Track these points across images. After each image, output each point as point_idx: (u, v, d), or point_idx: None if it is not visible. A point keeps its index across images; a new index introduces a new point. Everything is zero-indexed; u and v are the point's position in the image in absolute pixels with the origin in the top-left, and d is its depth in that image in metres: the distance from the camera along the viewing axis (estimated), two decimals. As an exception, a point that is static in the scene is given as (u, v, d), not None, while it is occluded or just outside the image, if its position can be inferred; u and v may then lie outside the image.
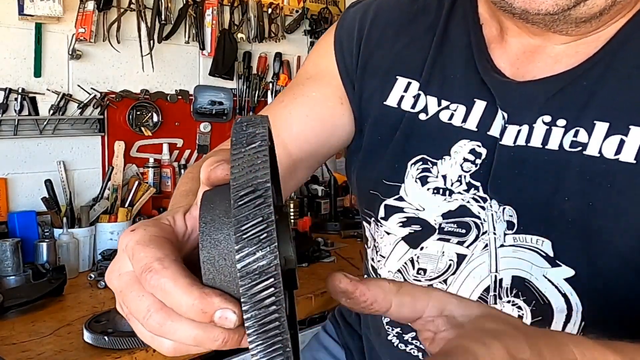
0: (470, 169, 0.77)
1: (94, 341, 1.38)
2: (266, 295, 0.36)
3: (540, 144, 0.71)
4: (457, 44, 0.81)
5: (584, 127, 0.69)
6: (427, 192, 0.80)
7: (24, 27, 2.08)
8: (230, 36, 2.60)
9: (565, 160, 0.70)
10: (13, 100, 2.06)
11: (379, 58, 0.86)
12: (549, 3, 0.64)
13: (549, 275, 0.72)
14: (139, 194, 2.26)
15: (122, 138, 2.32)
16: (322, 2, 3.00)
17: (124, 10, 2.29)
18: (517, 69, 0.76)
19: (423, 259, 0.81)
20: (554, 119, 0.71)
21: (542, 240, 0.72)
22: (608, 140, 0.68)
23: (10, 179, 2.08)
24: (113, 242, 2.13)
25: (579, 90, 0.70)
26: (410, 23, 0.86)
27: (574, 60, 0.72)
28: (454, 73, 0.80)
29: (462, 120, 0.78)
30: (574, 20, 0.66)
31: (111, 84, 2.31)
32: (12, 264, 1.77)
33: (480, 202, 0.77)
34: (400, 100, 0.83)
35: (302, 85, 0.90)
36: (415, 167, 0.81)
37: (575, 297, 0.72)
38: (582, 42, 0.72)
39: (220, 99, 2.62)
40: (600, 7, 0.65)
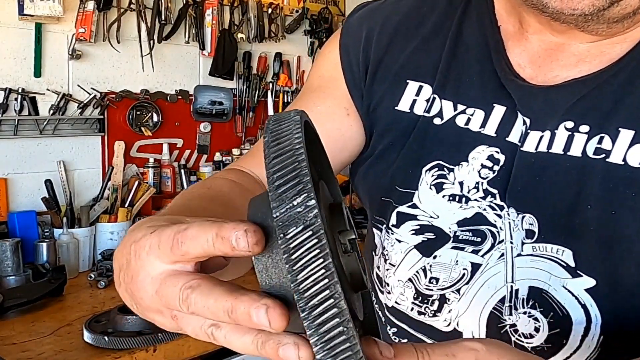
0: (487, 175, 0.74)
1: (94, 341, 1.38)
2: (322, 298, 0.34)
3: (562, 150, 0.69)
4: (472, 45, 0.77)
5: (608, 134, 0.67)
6: (442, 199, 0.77)
7: (24, 27, 2.08)
8: (230, 36, 2.60)
9: (588, 167, 0.67)
10: (13, 100, 2.06)
11: (388, 63, 0.83)
12: (585, 3, 0.61)
13: (568, 286, 0.70)
14: (139, 194, 2.26)
15: (122, 138, 2.32)
16: (322, 2, 3.00)
17: (124, 10, 2.29)
18: (539, 66, 0.72)
19: (436, 268, 0.79)
20: (577, 124, 0.68)
21: (562, 249, 0.70)
22: (633, 148, 0.66)
23: (10, 179, 2.08)
24: (113, 242, 2.13)
25: (603, 96, 0.68)
26: (419, 25, 0.82)
27: (599, 61, 0.69)
28: (469, 76, 0.77)
29: (480, 125, 0.75)
30: (606, 20, 0.64)
31: (111, 84, 2.31)
32: (12, 264, 1.77)
33: (497, 210, 0.74)
34: (413, 105, 0.80)
35: (307, 100, 0.87)
36: (430, 174, 0.78)
37: (595, 309, 0.69)
38: (608, 42, 0.69)
39: (220, 99, 2.62)
40: (634, 7, 0.64)
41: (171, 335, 1.43)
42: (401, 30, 0.82)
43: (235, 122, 2.71)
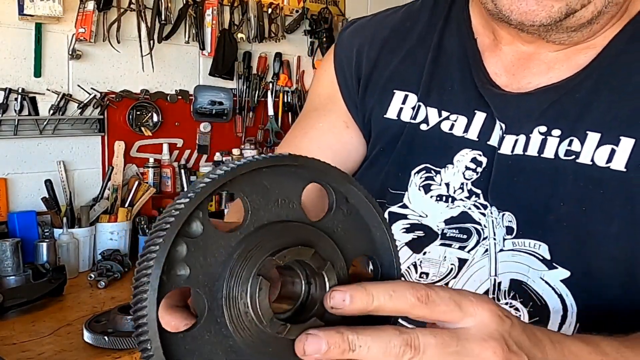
0: (471, 176, 0.80)
1: (94, 341, 1.38)
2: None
3: (536, 152, 0.75)
4: (453, 56, 0.84)
5: (577, 137, 0.73)
6: (430, 200, 0.83)
7: (24, 27, 2.08)
8: (230, 36, 2.60)
9: (560, 168, 0.74)
10: (13, 100, 2.06)
11: (377, 76, 0.89)
12: (543, 15, 0.68)
13: (545, 277, 0.76)
14: (139, 194, 2.26)
15: (122, 138, 2.32)
16: (322, 2, 3.00)
17: (124, 10, 2.29)
18: (513, 75, 0.79)
19: (426, 264, 0.84)
20: (550, 129, 0.75)
21: (539, 244, 0.76)
22: (600, 150, 0.72)
23: (10, 179, 2.08)
24: (113, 242, 2.13)
25: (572, 102, 0.74)
26: (404, 39, 0.89)
27: (567, 67, 0.75)
28: (452, 85, 0.83)
29: (463, 130, 0.81)
30: (565, 29, 0.71)
31: (111, 84, 2.31)
32: (12, 264, 1.77)
33: (481, 209, 0.80)
34: (400, 112, 0.86)
35: (309, 118, 0.94)
36: (419, 176, 0.84)
37: (570, 298, 0.75)
38: (574, 50, 0.75)
39: (220, 99, 2.62)
40: (588, 17, 0.70)
41: (171, 335, 1.43)
42: (388, 44, 0.89)
43: (235, 122, 2.71)
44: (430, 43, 0.86)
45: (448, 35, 0.85)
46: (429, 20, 0.88)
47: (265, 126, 2.79)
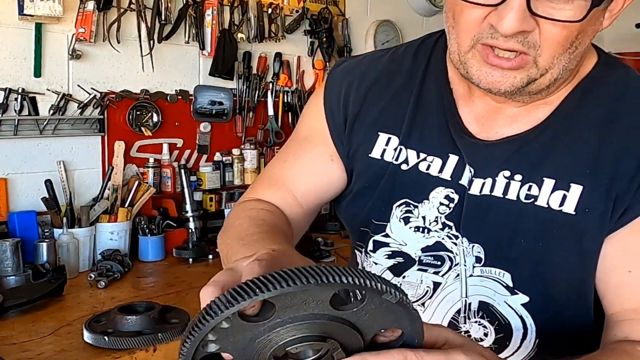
0: (445, 211, 0.92)
1: (94, 341, 1.38)
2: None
3: (501, 194, 0.87)
4: (431, 104, 0.94)
5: (536, 183, 0.85)
6: (409, 230, 0.95)
7: (24, 27, 2.08)
8: (230, 36, 2.60)
9: (521, 209, 0.86)
10: (13, 100, 2.06)
11: (364, 116, 0.98)
12: (507, 85, 0.80)
13: (509, 301, 0.89)
14: (139, 194, 2.26)
15: (122, 138, 2.32)
16: (322, 2, 3.00)
17: (124, 10, 2.29)
18: (483, 124, 0.91)
19: (405, 286, 0.95)
20: (513, 174, 0.87)
21: (503, 272, 0.89)
22: (554, 194, 0.84)
23: (10, 179, 2.08)
24: (113, 242, 2.13)
25: (531, 152, 0.86)
26: (390, 83, 0.98)
27: (527, 121, 0.88)
28: (430, 130, 0.93)
29: (438, 170, 0.92)
30: (526, 93, 0.83)
31: (111, 84, 2.31)
32: (12, 264, 1.77)
33: (453, 239, 0.93)
34: (383, 153, 0.97)
35: (300, 146, 1.03)
36: (400, 209, 0.96)
37: (530, 319, 0.89)
38: (534, 106, 0.87)
39: (220, 99, 2.62)
40: (547, 84, 0.81)
41: (171, 335, 1.43)
42: (375, 87, 0.98)
43: (235, 122, 2.71)
44: (412, 90, 0.95)
45: (428, 84, 0.95)
46: (411, 67, 0.97)
47: (265, 126, 2.79)
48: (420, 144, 0.94)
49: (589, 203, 0.83)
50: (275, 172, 1.03)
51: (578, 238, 0.84)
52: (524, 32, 0.76)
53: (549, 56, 0.78)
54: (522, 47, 0.77)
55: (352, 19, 3.14)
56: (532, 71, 0.79)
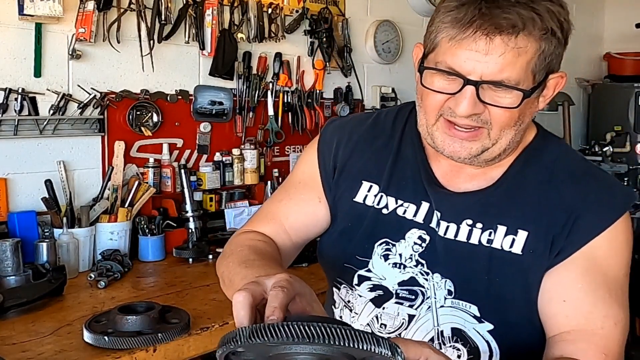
0: (418, 250, 1.10)
1: (94, 341, 1.38)
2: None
3: (465, 239, 1.07)
4: (408, 160, 1.15)
5: (492, 229, 1.06)
6: (388, 266, 1.12)
7: (24, 27, 2.08)
8: (230, 36, 2.60)
9: (482, 250, 1.05)
10: (13, 100, 2.06)
11: (350, 167, 1.18)
12: (465, 154, 1.02)
13: (477, 328, 1.07)
14: (139, 194, 2.26)
15: (122, 138, 2.32)
16: (322, 2, 3.00)
17: (124, 10, 2.29)
18: (448, 180, 1.11)
19: (384, 317, 1.11)
20: (474, 222, 1.07)
21: (470, 305, 1.06)
22: (506, 238, 1.05)
23: (10, 179, 2.08)
24: (113, 242, 2.13)
25: (488, 204, 1.07)
26: (373, 142, 1.18)
27: (484, 179, 1.09)
28: (406, 181, 1.13)
29: (413, 215, 1.11)
30: (482, 161, 1.05)
31: (111, 84, 2.31)
32: (12, 264, 1.77)
33: (424, 275, 1.10)
34: (365, 198, 1.15)
35: (294, 189, 1.22)
36: (381, 247, 1.13)
37: (494, 344, 1.07)
38: (490, 168, 1.09)
39: (220, 99, 2.62)
40: (497, 153, 1.03)
41: (171, 335, 1.43)
42: (360, 144, 1.19)
43: (235, 122, 2.71)
44: (391, 148, 1.16)
45: (405, 144, 1.16)
46: (390, 130, 1.18)
47: (265, 126, 2.79)
48: (398, 192, 1.13)
49: (532, 245, 1.03)
50: (272, 209, 1.22)
51: (524, 274, 1.03)
52: (477, 114, 0.99)
53: (498, 130, 1.01)
54: (476, 123, 1.00)
55: (352, 19, 3.14)
56: (485, 142, 1.02)
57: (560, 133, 3.32)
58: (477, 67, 0.96)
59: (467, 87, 0.96)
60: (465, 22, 0.95)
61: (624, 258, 1.06)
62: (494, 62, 0.95)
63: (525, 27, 0.95)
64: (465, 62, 0.96)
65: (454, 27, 0.96)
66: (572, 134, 4.53)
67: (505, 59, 0.95)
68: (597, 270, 1.03)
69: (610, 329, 1.01)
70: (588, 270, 1.02)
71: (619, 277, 1.05)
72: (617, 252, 1.05)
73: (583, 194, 1.05)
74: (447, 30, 0.97)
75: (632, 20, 4.78)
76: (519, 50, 0.95)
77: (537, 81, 1.00)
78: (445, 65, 0.98)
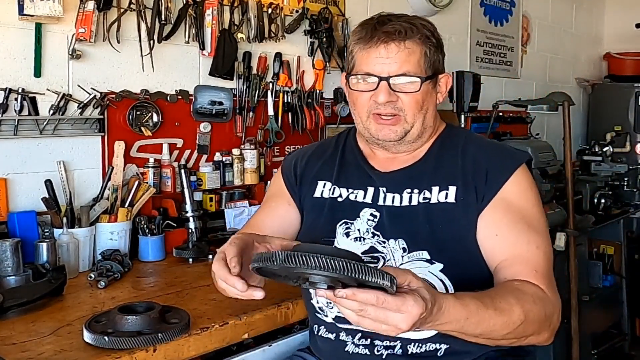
0: (372, 224, 1.45)
1: (94, 341, 1.38)
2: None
3: (407, 203, 1.44)
4: (351, 161, 1.57)
5: (428, 190, 1.44)
6: (350, 241, 1.45)
7: (24, 27, 2.08)
8: (230, 36, 2.60)
9: (422, 208, 1.42)
10: (13, 100, 2.06)
11: (307, 175, 1.59)
12: (393, 136, 1.44)
13: (430, 270, 1.38)
14: (139, 194, 2.26)
15: (122, 138, 2.32)
16: (322, 2, 3.00)
17: (124, 10, 2.29)
18: (385, 168, 1.51)
19: None
20: (412, 189, 1.45)
21: (422, 252, 1.39)
22: (441, 194, 1.42)
23: (10, 179, 2.08)
24: (113, 242, 2.13)
25: (420, 173, 1.47)
26: (321, 155, 1.62)
27: (412, 159, 1.50)
28: (352, 174, 1.54)
29: (362, 198, 1.49)
30: (406, 142, 1.47)
31: (111, 84, 2.31)
32: (12, 264, 1.77)
33: (382, 244, 1.43)
34: (322, 193, 1.55)
35: (267, 202, 1.66)
36: (341, 227, 1.48)
37: (448, 281, 1.38)
38: (413, 154, 1.51)
39: (220, 99, 2.62)
40: (416, 135, 1.46)
41: (171, 335, 1.43)
42: (312, 158, 1.63)
43: (235, 122, 2.71)
44: (336, 156, 1.59)
45: (347, 152, 1.59)
46: (334, 145, 1.63)
47: (265, 126, 2.79)
48: (347, 183, 1.52)
49: (462, 195, 1.40)
50: (251, 222, 1.62)
51: (460, 217, 1.39)
52: (392, 101, 1.39)
53: (411, 114, 1.41)
54: (394, 111, 1.41)
55: (352, 19, 3.14)
56: (405, 125, 1.42)
57: (560, 133, 3.32)
58: (384, 67, 1.38)
59: (381, 82, 1.38)
60: (367, 38, 1.39)
61: (531, 197, 1.41)
62: (394, 61, 1.38)
63: (408, 33, 1.37)
64: (375, 65, 1.39)
65: (361, 44, 1.40)
66: (572, 134, 4.51)
67: (401, 58, 1.38)
68: (514, 209, 1.38)
69: (534, 251, 1.34)
70: (508, 209, 1.37)
71: (532, 212, 1.39)
72: (525, 193, 1.41)
73: (489, 155, 1.45)
74: (358, 48, 1.41)
75: (632, 20, 4.78)
76: (409, 51, 1.38)
77: (428, 75, 1.41)
78: (363, 72, 1.41)
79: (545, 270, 1.32)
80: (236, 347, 1.66)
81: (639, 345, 4.02)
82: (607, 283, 3.71)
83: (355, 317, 0.98)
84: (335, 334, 1.48)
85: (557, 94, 3.43)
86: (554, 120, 4.30)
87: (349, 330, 1.44)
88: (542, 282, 1.29)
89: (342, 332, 1.46)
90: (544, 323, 1.25)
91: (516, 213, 1.37)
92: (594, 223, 3.48)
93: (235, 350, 1.67)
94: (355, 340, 1.44)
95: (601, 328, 3.70)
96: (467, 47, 4.04)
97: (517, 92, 4.33)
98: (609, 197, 3.73)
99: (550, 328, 1.27)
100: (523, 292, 1.23)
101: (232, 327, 1.57)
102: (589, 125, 5.08)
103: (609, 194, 3.75)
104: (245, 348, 1.71)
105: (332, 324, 1.49)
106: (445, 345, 1.38)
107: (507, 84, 4.41)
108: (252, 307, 1.63)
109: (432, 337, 1.37)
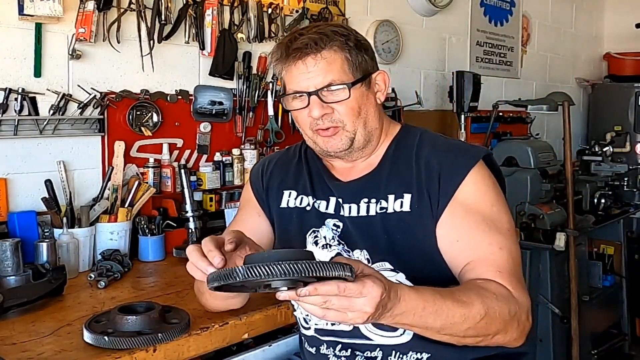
0: (336, 233, 1.44)
1: (93, 341, 1.38)
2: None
3: (365, 213, 1.42)
4: (313, 171, 1.54)
5: (384, 199, 1.41)
6: (319, 249, 1.45)
7: (24, 27, 2.08)
8: (230, 36, 2.60)
9: (379, 219, 1.40)
10: (13, 100, 2.06)
11: (272, 185, 1.58)
12: (339, 146, 1.41)
13: (397, 278, 1.36)
14: (139, 194, 2.26)
15: (122, 138, 2.32)
16: (322, 2, 3.00)
17: (124, 10, 2.29)
18: (345, 176, 1.49)
19: None
20: (369, 199, 1.42)
21: (384, 263, 1.38)
22: (396, 202, 1.39)
23: (10, 179, 2.08)
24: (113, 242, 2.13)
25: (376, 182, 1.44)
26: (287, 165, 1.60)
27: (367, 167, 1.47)
28: (316, 185, 1.52)
29: (325, 208, 1.48)
30: (356, 149, 1.43)
31: (111, 84, 2.31)
32: (12, 264, 1.77)
33: (347, 253, 1.42)
34: (288, 202, 1.55)
35: (239, 214, 1.66)
36: (310, 236, 1.48)
37: (409, 284, 1.28)
38: (369, 161, 1.48)
39: (220, 99, 2.62)
40: (363, 141, 1.42)
41: (171, 335, 1.43)
42: (276, 167, 1.61)
43: (235, 122, 2.71)
44: (302, 167, 1.56)
45: (310, 161, 1.56)
46: (297, 155, 1.60)
47: (265, 126, 2.79)
48: (313, 193, 1.51)
49: (417, 202, 1.37)
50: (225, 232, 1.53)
51: (417, 225, 1.36)
52: (327, 114, 1.37)
53: (350, 122, 1.39)
54: (331, 123, 1.38)
55: (352, 19, 3.14)
56: (347, 134, 1.39)
57: (560, 133, 3.32)
58: (309, 82, 1.36)
59: (311, 97, 1.36)
60: (283, 57, 1.39)
61: (490, 196, 1.36)
62: (316, 74, 1.35)
63: (319, 44, 1.34)
64: (300, 82, 1.37)
65: (281, 64, 1.40)
66: (572, 134, 4.51)
67: (322, 69, 1.35)
68: (473, 211, 1.33)
69: (497, 252, 1.30)
70: (466, 212, 1.33)
71: (492, 212, 1.34)
72: (482, 193, 1.35)
73: (442, 157, 1.39)
74: (280, 68, 1.41)
75: (632, 20, 4.78)
76: (327, 60, 1.35)
77: (356, 78, 1.37)
78: (292, 90, 1.40)
79: (511, 269, 1.29)
80: (236, 347, 1.66)
81: (639, 345, 4.02)
82: (607, 283, 3.70)
83: (320, 311, 0.99)
84: (316, 347, 1.49)
85: (557, 94, 3.43)
86: (554, 120, 4.30)
87: (330, 342, 1.45)
88: (507, 281, 1.26)
89: (322, 344, 1.47)
90: (510, 322, 1.21)
91: (475, 215, 1.32)
92: (594, 223, 3.48)
93: (235, 350, 1.67)
94: (337, 351, 1.44)
95: (601, 328, 3.70)
96: (467, 47, 4.04)
97: (517, 92, 4.33)
98: (609, 197, 3.73)
99: (518, 328, 1.24)
100: (485, 289, 1.21)
101: (232, 327, 1.57)
102: (589, 125, 5.09)
103: (609, 194, 3.75)
104: (245, 348, 1.71)
105: (312, 337, 1.49)
106: (427, 354, 1.36)
107: (507, 84, 4.41)
108: (252, 307, 1.63)
109: (413, 345, 1.35)
